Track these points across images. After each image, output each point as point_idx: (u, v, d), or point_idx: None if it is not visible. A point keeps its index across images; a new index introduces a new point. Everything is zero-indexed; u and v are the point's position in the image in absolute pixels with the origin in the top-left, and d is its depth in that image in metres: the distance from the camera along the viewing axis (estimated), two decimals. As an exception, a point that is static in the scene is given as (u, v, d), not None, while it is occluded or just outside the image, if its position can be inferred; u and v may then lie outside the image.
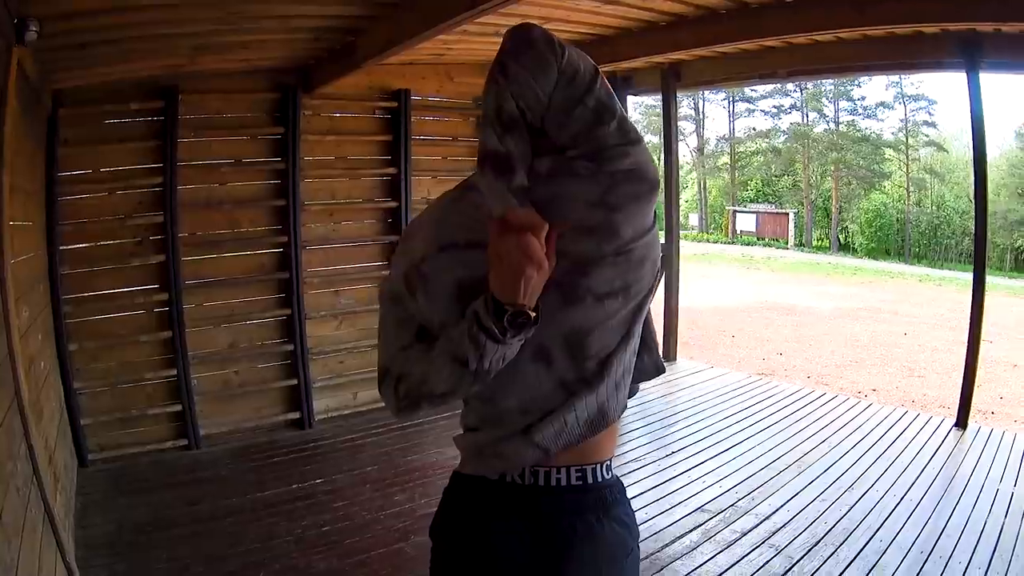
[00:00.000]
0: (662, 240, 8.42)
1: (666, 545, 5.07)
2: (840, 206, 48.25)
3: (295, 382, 7.57)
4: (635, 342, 1.94)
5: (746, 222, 48.26)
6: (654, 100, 10.51)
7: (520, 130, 1.75)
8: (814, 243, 48.11)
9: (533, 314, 1.71)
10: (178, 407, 6.93)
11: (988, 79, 6.99)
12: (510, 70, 1.75)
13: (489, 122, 1.77)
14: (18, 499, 3.19)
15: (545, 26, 5.08)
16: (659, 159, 11.92)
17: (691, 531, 5.30)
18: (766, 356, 15.01)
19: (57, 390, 5.96)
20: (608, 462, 1.98)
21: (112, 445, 6.64)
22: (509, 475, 1.90)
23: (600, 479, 1.95)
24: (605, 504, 1.95)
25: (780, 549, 5.02)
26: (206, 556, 5.01)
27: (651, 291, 1.91)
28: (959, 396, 7.52)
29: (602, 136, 1.79)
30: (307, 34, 5.98)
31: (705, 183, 54.98)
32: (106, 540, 5.17)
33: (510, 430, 1.88)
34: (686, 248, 39.51)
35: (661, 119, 10.50)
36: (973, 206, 7.74)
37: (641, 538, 4.96)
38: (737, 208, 50.36)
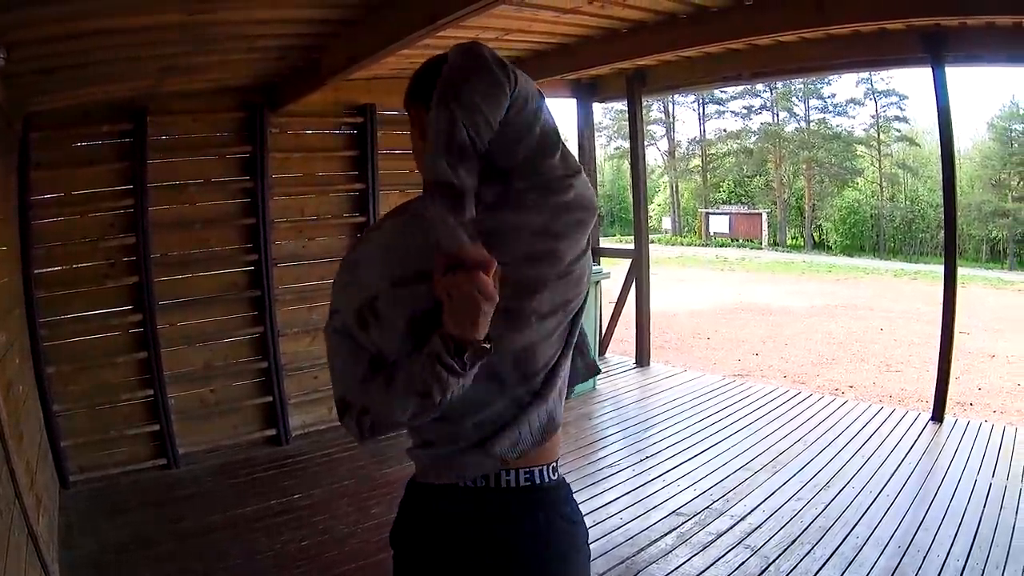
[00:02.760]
0: (630, 246, 8.50)
1: (641, 549, 5.10)
2: (813, 204, 48.50)
3: (270, 399, 7.58)
4: (571, 350, 2.03)
5: (719, 224, 48.44)
6: (623, 105, 10.61)
7: (471, 160, 1.77)
8: (788, 242, 48.39)
9: (488, 345, 1.76)
10: (156, 427, 6.93)
11: (957, 72, 7.10)
12: (463, 96, 1.76)
13: (441, 149, 1.75)
14: (0, 522, 3.22)
15: (505, 37, 5.15)
16: (627, 164, 11.96)
17: (666, 534, 5.33)
18: (742, 357, 15.08)
19: (37, 413, 6.00)
20: (554, 463, 2.05)
21: (93, 466, 6.63)
22: (461, 480, 1.96)
23: (548, 479, 2.03)
24: (552, 502, 2.02)
25: (756, 549, 5.06)
26: (189, 573, 5.05)
27: (584, 302, 2.00)
28: (922, 388, 7.60)
29: (548, 168, 1.86)
30: (271, 53, 6.01)
31: (677, 186, 55.13)
32: (90, 560, 5.19)
33: (466, 444, 1.94)
34: (661, 252, 39.79)
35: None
36: (942, 199, 7.82)
37: (616, 543, 5.06)
38: (710, 210, 50.55)
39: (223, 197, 7.44)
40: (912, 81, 48.74)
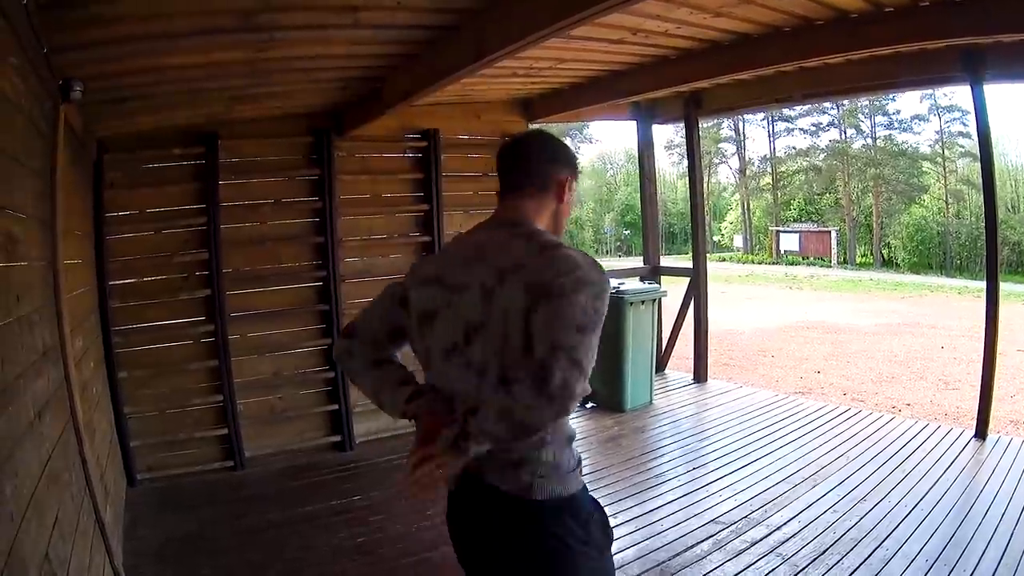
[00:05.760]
0: (688, 265, 8.59)
1: (677, 554, 5.29)
2: (881, 221, 47.65)
3: (336, 407, 7.93)
4: None
5: (790, 242, 47.83)
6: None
7: None
8: (858, 260, 47.46)
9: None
10: (224, 431, 7.34)
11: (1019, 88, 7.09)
12: None
13: None
14: (72, 505, 3.53)
15: (559, 66, 5.55)
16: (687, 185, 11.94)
17: (703, 541, 5.50)
18: (804, 375, 15.02)
19: (108, 414, 6.39)
20: None
21: (160, 466, 7.06)
22: None
23: None
24: None
25: (787, 558, 5.19)
26: (249, 564, 5.40)
27: None
28: (977, 407, 7.57)
29: None
30: (333, 84, 6.37)
31: (749, 204, 54.57)
32: (154, 550, 5.58)
33: None
34: (731, 270, 39.59)
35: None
36: (984, 217, 7.83)
37: (654, 547, 5.40)
38: (780, 228, 49.98)
39: (294, 216, 7.80)
40: (974, 97, 47.73)
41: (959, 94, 45.04)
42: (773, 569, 5.07)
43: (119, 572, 4.56)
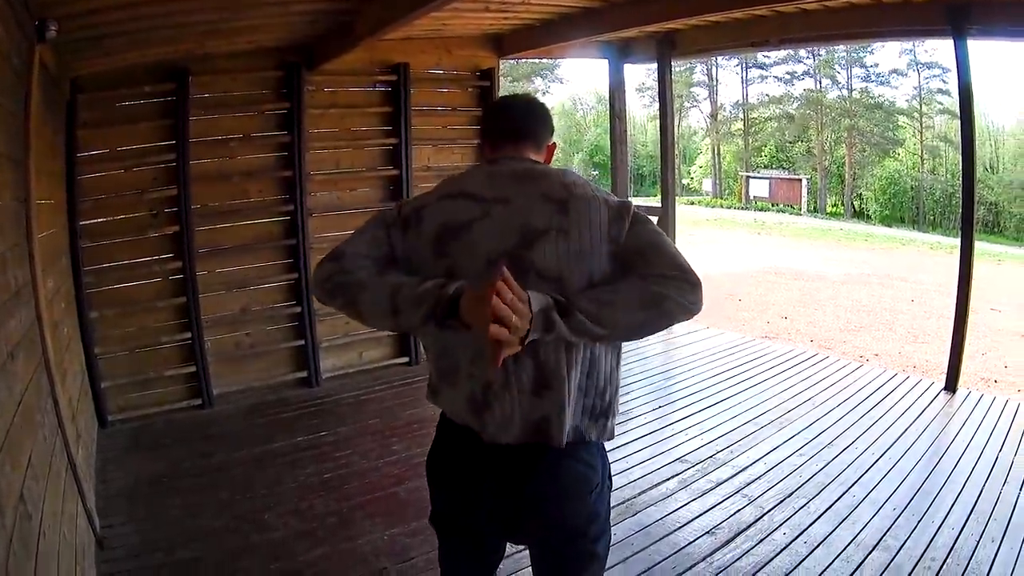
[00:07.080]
0: (657, 204, 8.52)
1: (643, 491, 5.35)
2: (854, 172, 47.52)
3: (303, 342, 7.91)
4: None
5: (759, 188, 47.56)
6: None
7: None
8: (828, 209, 47.39)
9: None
10: (192, 368, 7.30)
11: (1003, 47, 7.00)
12: None
13: None
14: (44, 446, 3.49)
15: (531, 1, 5.41)
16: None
17: (668, 479, 5.57)
18: (771, 319, 15.17)
19: (79, 355, 6.35)
20: None
21: (130, 406, 7.02)
22: None
23: None
24: None
25: (753, 499, 5.25)
26: (217, 501, 5.38)
27: None
28: (947, 360, 7.57)
29: None
30: (305, 17, 6.25)
31: (719, 149, 54.30)
32: (125, 491, 5.56)
33: None
34: (699, 213, 39.58)
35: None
36: (961, 174, 7.77)
37: (620, 485, 5.29)
38: (750, 174, 49.78)
39: (262, 151, 7.71)
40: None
41: (940, 51, 44.69)
42: (739, 510, 5.13)
43: (91, 513, 4.57)
